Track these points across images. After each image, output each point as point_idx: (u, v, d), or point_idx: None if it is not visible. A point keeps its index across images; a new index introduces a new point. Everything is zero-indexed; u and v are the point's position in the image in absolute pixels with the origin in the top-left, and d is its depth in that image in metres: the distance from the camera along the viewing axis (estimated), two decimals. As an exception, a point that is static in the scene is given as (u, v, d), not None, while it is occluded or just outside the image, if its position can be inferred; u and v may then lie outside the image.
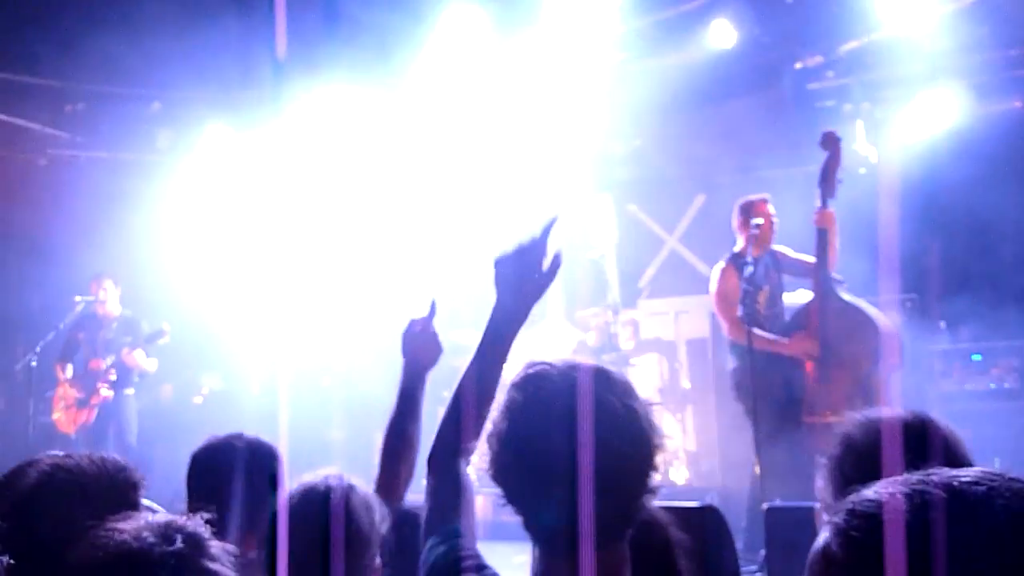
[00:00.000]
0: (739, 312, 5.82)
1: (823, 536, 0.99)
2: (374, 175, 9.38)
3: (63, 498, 1.86)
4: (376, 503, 2.18)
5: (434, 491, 1.89)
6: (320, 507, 2.04)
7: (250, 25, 6.91)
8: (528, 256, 1.97)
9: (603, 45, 8.10)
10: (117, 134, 9.51)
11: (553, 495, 1.50)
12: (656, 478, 1.59)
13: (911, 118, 7.95)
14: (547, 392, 1.55)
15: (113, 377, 7.73)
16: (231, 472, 2.52)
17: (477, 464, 1.64)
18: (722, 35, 7.79)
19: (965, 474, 0.96)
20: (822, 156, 8.70)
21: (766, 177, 9.29)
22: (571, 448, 1.47)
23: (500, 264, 1.99)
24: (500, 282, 1.98)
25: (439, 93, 8.70)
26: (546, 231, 1.99)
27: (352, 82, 8.58)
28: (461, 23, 8.01)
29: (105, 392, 7.67)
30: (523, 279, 1.96)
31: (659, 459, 1.60)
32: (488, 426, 1.62)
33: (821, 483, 1.90)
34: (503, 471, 1.58)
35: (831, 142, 5.99)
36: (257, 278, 8.49)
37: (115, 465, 1.97)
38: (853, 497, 0.98)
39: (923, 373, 7.09)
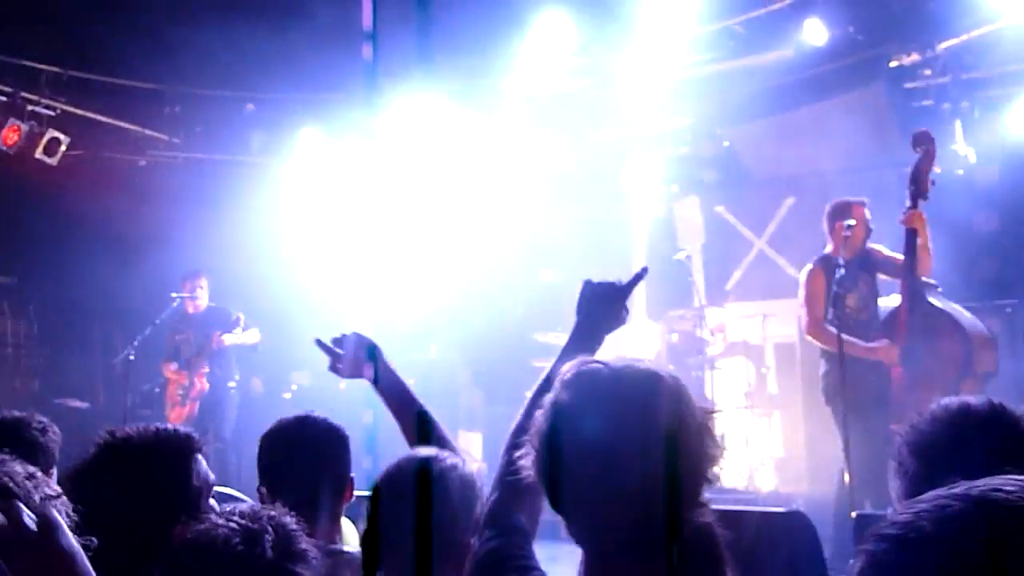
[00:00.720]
0: (828, 315, 5.69)
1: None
2: (461, 181, 9.47)
3: (110, 471, 1.95)
4: (478, 482, 2.14)
5: (504, 481, 1.85)
6: (412, 483, 2.05)
7: (344, 30, 7.03)
8: (614, 294, 2.15)
9: (693, 46, 8.03)
10: (212, 136, 9.78)
11: (595, 502, 1.45)
12: (705, 489, 1.50)
13: (1011, 117, 7.69)
14: (595, 393, 1.47)
15: (206, 369, 7.92)
16: (299, 451, 2.55)
17: (524, 464, 1.56)
18: (814, 33, 7.61)
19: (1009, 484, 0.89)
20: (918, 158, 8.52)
21: (859, 179, 9.09)
22: (615, 455, 1.42)
23: (587, 288, 2.17)
24: (582, 306, 2.16)
25: (530, 99, 8.74)
26: (635, 280, 2.19)
27: (443, 92, 8.69)
28: (552, 31, 8.06)
29: (201, 385, 7.87)
30: (603, 314, 2.15)
31: (712, 471, 1.49)
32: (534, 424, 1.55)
33: (894, 484, 1.83)
34: (544, 473, 1.51)
35: (924, 141, 5.81)
36: (346, 278, 8.64)
37: (165, 433, 2.06)
38: (890, 515, 0.95)
39: (1022, 380, 6.85)
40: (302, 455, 2.53)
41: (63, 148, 8.73)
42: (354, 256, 9.00)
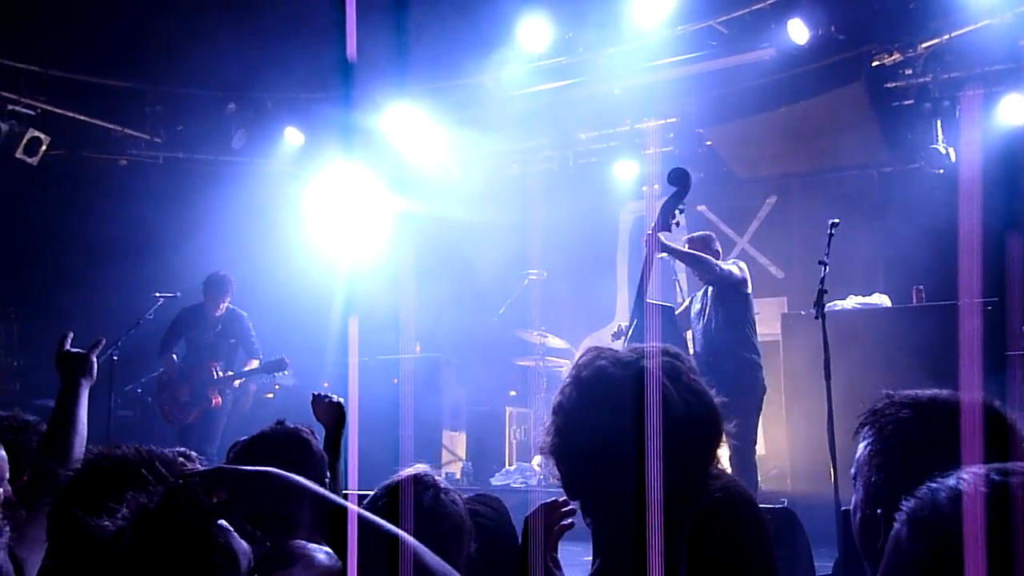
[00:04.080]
0: None
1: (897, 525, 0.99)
2: (445, 181, 9.49)
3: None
4: (461, 498, 2.17)
5: None
6: (423, 501, 2.05)
7: (326, 30, 7.01)
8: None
9: (675, 45, 8.05)
10: (194, 135, 9.73)
11: (613, 483, 1.49)
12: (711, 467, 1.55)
13: (992, 116, 7.74)
14: (604, 382, 1.52)
15: (224, 387, 7.75)
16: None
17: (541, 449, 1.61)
18: (796, 33, 7.64)
19: None
20: (900, 156, 8.58)
21: (840, 179, 9.15)
22: (626, 441, 1.46)
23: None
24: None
25: (513, 99, 8.75)
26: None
27: (425, 93, 8.68)
28: (534, 33, 8.09)
29: (216, 399, 7.71)
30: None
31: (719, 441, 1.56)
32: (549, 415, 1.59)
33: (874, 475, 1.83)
34: (560, 458, 1.55)
35: (678, 180, 5.93)
36: (329, 277, 8.62)
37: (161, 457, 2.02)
38: (926, 487, 0.98)
39: (1002, 379, 6.91)
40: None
41: (44, 148, 8.67)
42: (338, 256, 8.99)
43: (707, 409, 1.53)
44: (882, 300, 7.59)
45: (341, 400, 3.32)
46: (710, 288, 6.32)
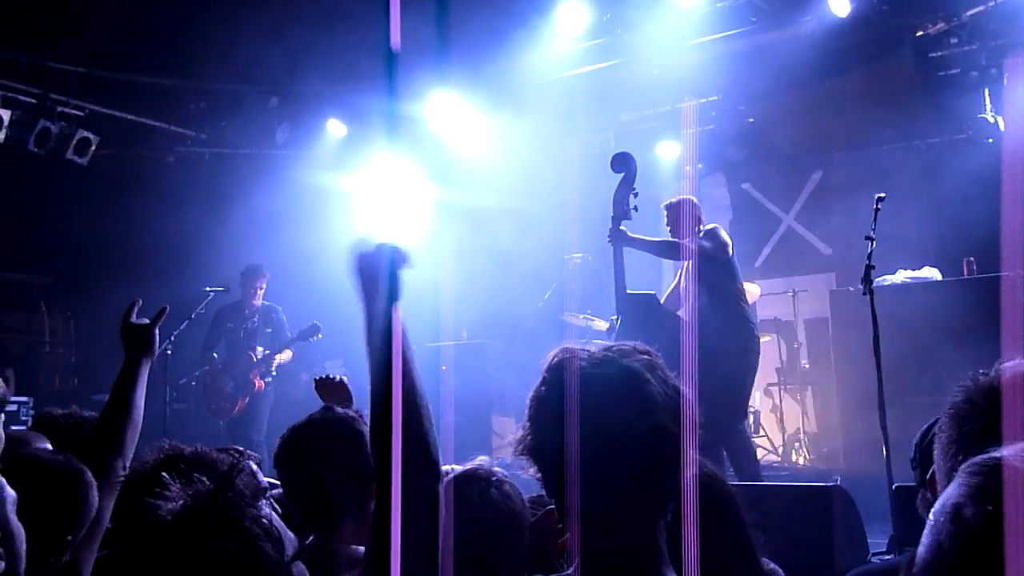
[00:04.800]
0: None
1: (952, 495, 0.99)
2: (489, 167, 9.49)
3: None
4: (515, 489, 2.17)
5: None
6: (491, 495, 2.08)
7: (365, 21, 7.05)
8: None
9: (715, 22, 7.97)
10: (238, 130, 9.84)
11: (588, 479, 1.49)
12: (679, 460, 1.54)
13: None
14: (581, 382, 1.52)
15: (264, 369, 7.95)
16: (307, 457, 2.43)
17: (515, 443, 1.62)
18: (838, 5, 7.51)
19: None
20: (948, 127, 8.42)
21: (885, 151, 9.03)
22: (600, 440, 1.48)
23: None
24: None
25: (554, 82, 8.73)
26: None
27: (467, 79, 8.69)
28: (573, 14, 8.05)
29: (259, 382, 7.91)
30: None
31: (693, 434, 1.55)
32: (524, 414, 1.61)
33: (937, 448, 1.83)
34: (536, 456, 1.57)
35: (622, 166, 5.81)
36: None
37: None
38: (978, 459, 0.99)
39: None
40: (310, 462, 2.42)
41: (93, 148, 8.82)
42: (387, 241, 9.03)
43: (681, 405, 1.53)
44: (932, 274, 7.49)
45: (344, 378, 3.30)
46: (687, 263, 6.09)
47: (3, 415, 2.79)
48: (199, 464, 1.91)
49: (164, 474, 1.44)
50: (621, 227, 5.85)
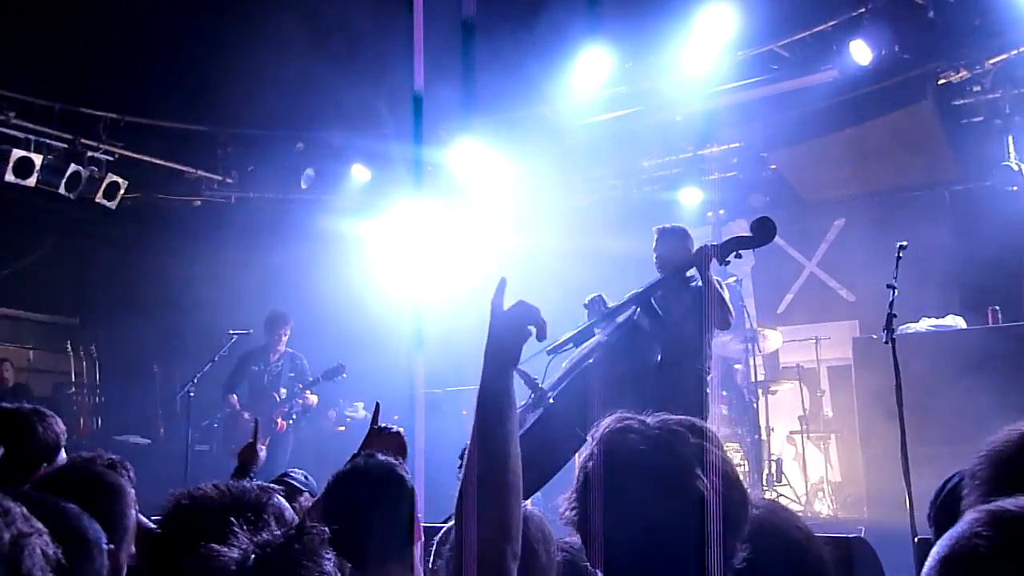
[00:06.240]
0: None
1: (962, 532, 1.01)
2: (509, 214, 9.55)
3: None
4: (547, 526, 2.19)
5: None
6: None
7: (389, 68, 7.15)
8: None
9: (737, 70, 8.03)
10: (264, 175, 9.96)
11: (636, 559, 1.47)
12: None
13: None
14: (629, 456, 1.50)
15: (287, 410, 8.03)
16: (351, 505, 2.50)
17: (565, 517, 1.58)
18: (860, 54, 7.54)
19: None
20: (971, 174, 8.39)
21: (908, 198, 9.01)
22: (652, 517, 1.46)
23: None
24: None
25: (577, 130, 8.79)
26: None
27: (489, 126, 8.77)
28: (596, 63, 8.09)
29: (281, 423, 7.96)
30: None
31: (744, 522, 1.54)
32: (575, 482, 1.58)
33: (967, 495, 1.82)
34: (585, 528, 1.53)
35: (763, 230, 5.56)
36: (396, 310, 8.73)
37: (240, 490, 2.07)
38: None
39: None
40: (357, 509, 2.50)
41: (122, 192, 8.96)
42: (406, 290, 9.08)
43: (739, 494, 1.52)
44: (956, 322, 7.44)
45: (401, 429, 3.33)
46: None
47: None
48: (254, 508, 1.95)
49: (232, 519, 1.45)
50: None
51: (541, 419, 5.08)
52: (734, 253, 5.49)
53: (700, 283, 5.53)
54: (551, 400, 5.11)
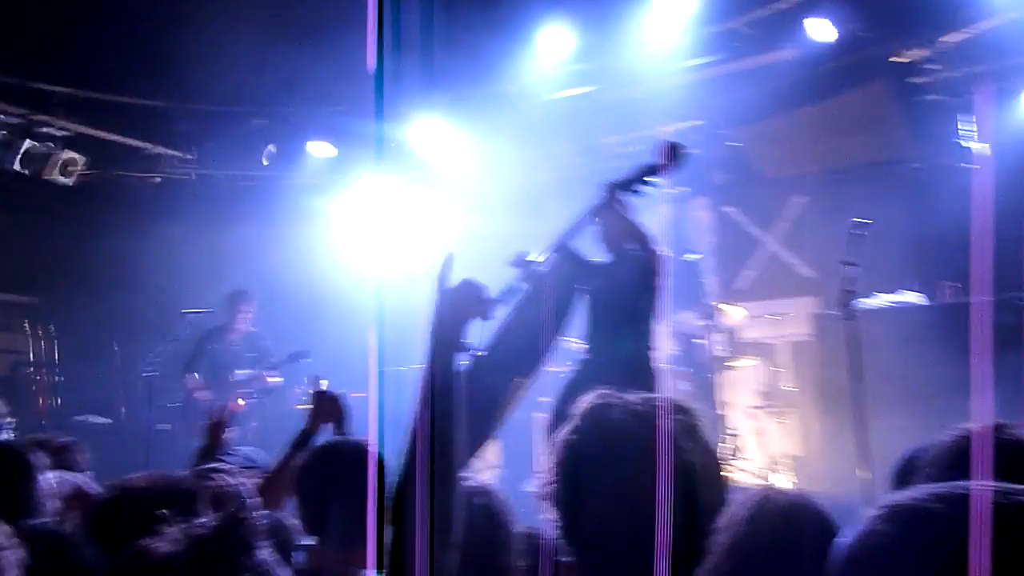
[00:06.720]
0: None
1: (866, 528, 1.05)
2: (468, 189, 9.52)
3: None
4: (509, 502, 2.20)
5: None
6: (492, 508, 2.10)
7: (350, 42, 7.08)
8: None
9: (698, 47, 8.06)
10: (225, 151, 9.85)
11: (616, 537, 1.48)
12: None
13: (1018, 110, 7.68)
14: (610, 431, 1.51)
15: (247, 390, 8.00)
16: (327, 485, 2.50)
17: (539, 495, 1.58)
18: (819, 31, 7.62)
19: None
20: (927, 152, 8.50)
21: (868, 175, 9.10)
22: (633, 493, 1.47)
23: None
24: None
25: (536, 107, 8.78)
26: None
27: (448, 102, 8.73)
28: (556, 39, 8.10)
29: (240, 403, 7.93)
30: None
31: (725, 500, 1.56)
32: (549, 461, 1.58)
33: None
34: (562, 506, 1.53)
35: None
36: (358, 287, 8.70)
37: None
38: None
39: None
40: (326, 490, 2.49)
41: (78, 168, 8.82)
42: (368, 266, 9.05)
43: (719, 468, 1.56)
44: (913, 298, 7.54)
45: (338, 394, 3.34)
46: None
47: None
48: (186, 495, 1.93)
49: (164, 511, 1.43)
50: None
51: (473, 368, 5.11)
52: (639, 182, 5.56)
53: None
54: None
